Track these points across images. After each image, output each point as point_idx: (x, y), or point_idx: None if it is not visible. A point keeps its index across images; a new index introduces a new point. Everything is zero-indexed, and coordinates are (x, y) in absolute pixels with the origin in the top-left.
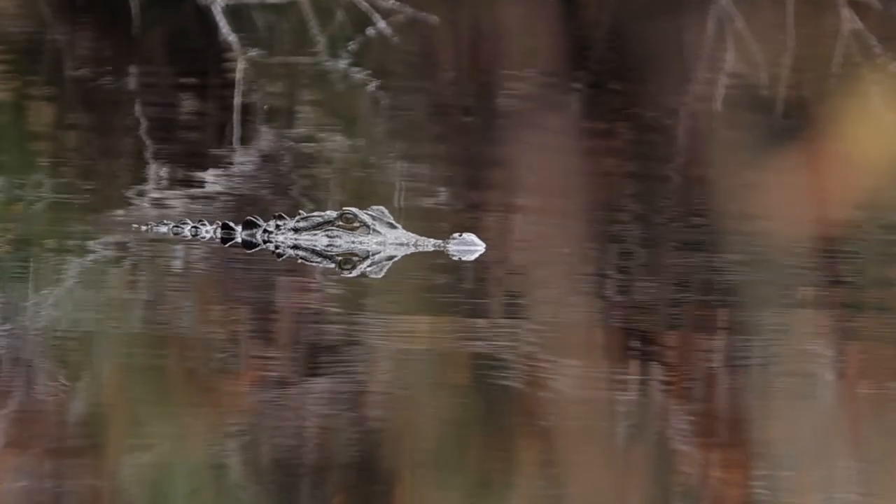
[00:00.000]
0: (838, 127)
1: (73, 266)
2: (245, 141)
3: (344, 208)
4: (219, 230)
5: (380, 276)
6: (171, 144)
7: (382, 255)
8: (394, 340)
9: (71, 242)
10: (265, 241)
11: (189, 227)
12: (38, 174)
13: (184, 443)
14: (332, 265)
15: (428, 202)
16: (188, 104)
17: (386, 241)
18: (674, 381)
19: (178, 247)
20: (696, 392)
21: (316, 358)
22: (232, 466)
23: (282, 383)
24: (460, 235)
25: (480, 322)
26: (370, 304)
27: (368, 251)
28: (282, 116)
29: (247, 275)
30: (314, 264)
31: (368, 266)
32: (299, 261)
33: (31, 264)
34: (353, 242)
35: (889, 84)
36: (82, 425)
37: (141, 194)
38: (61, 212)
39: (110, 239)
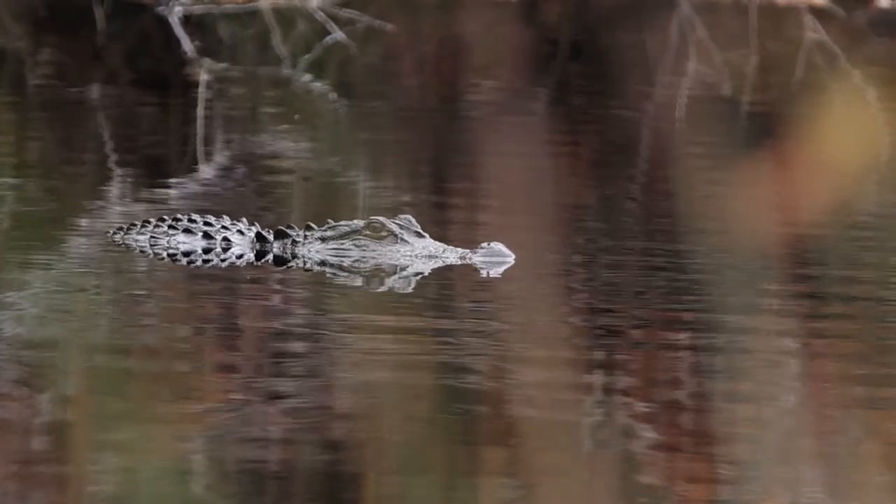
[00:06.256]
0: (801, 134)
1: (40, 275)
2: (208, 152)
3: (371, 217)
4: (255, 240)
5: (408, 290)
6: (135, 157)
7: (410, 270)
8: (359, 342)
9: (37, 252)
10: (293, 255)
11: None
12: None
13: (150, 449)
14: (359, 280)
15: (392, 208)
16: (151, 116)
17: (413, 251)
18: (638, 382)
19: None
20: (660, 393)
21: (282, 362)
22: (197, 473)
23: (249, 391)
24: (488, 245)
25: (446, 324)
26: (338, 307)
27: (396, 266)
28: (243, 126)
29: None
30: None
31: (395, 281)
32: (327, 276)
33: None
34: (379, 253)
35: (851, 90)
36: (48, 433)
37: (104, 205)
38: (26, 222)
39: (75, 249)
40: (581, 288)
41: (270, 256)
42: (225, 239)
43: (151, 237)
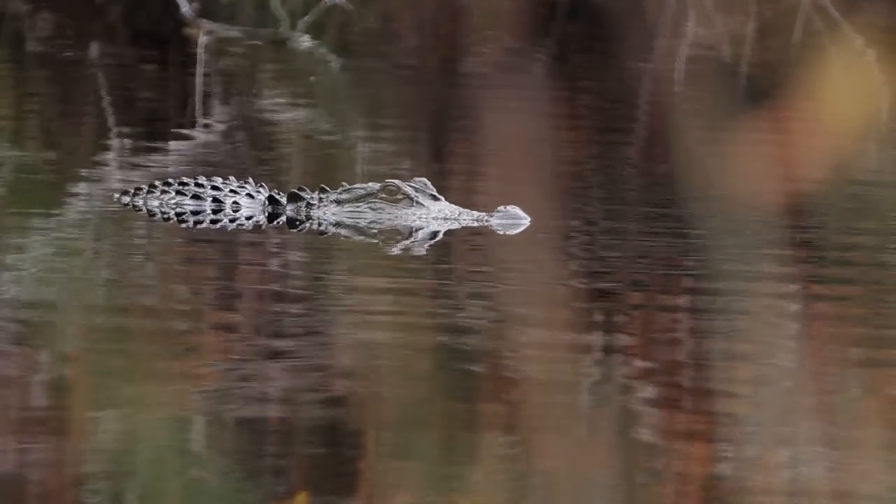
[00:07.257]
0: (800, 96)
1: (40, 236)
2: (207, 113)
3: (387, 180)
4: (266, 203)
5: (423, 252)
6: (134, 118)
7: (426, 231)
8: (359, 304)
9: (36, 212)
10: (307, 217)
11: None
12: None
13: (150, 403)
14: (375, 242)
15: (390, 171)
16: (150, 77)
17: (429, 213)
18: (637, 344)
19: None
20: (659, 354)
21: (282, 323)
22: (197, 428)
23: (249, 348)
24: (505, 208)
25: (445, 288)
26: (337, 267)
27: (412, 227)
28: (243, 88)
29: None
30: (356, 240)
31: (411, 242)
32: (342, 238)
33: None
34: (395, 216)
35: (849, 53)
36: (48, 391)
37: (103, 167)
38: (25, 183)
39: (75, 209)
40: (580, 250)
41: (284, 219)
42: (234, 203)
43: (159, 201)
